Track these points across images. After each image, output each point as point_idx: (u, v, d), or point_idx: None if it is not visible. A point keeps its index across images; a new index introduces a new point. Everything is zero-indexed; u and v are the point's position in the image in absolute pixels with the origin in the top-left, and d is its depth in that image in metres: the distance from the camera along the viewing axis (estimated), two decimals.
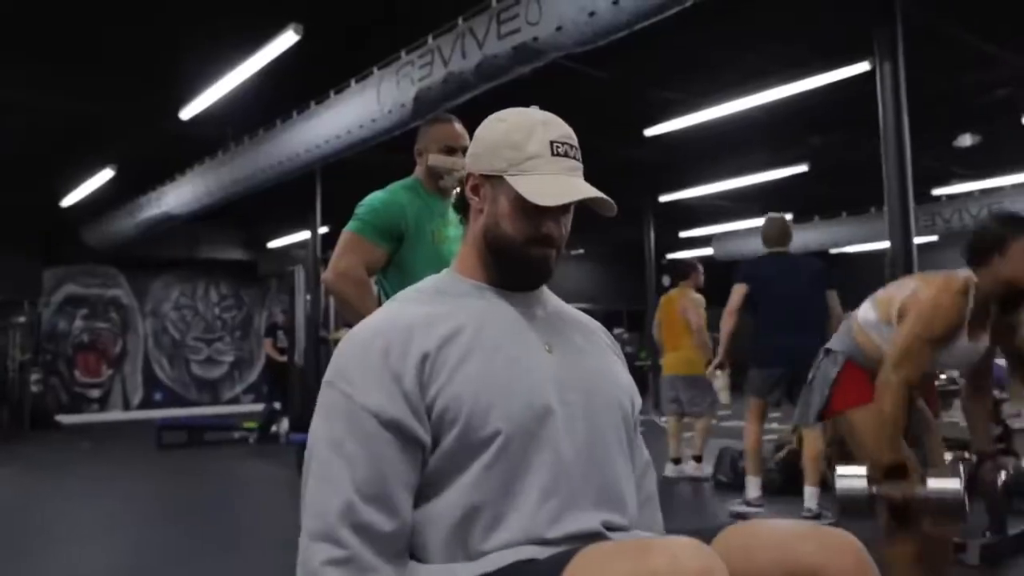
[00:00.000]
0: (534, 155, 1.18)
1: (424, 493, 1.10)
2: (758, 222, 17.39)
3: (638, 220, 13.34)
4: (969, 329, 2.32)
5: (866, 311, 2.53)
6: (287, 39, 6.14)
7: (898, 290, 2.47)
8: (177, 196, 10.20)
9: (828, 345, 2.63)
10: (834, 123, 9.66)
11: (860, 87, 7.48)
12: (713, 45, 7.54)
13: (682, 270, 6.18)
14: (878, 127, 5.72)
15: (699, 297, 6.09)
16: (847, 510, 2.28)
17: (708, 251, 16.20)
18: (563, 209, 1.20)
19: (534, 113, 1.24)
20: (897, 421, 2.27)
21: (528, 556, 1.04)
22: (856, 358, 2.51)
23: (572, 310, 1.34)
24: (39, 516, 5.28)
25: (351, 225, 2.35)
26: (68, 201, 11.83)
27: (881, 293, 2.54)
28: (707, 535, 1.03)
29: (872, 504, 2.26)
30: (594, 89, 7.99)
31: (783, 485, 5.14)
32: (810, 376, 2.65)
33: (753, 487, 4.70)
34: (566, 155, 1.19)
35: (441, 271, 1.29)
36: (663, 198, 12.89)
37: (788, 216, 4.87)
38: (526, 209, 1.17)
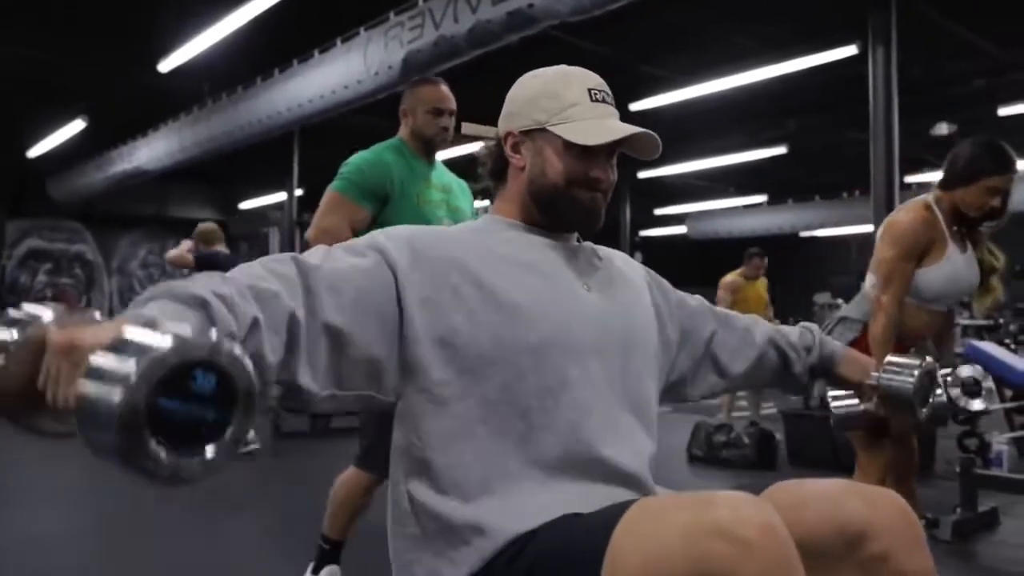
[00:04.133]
0: (574, 103, 1.18)
1: (460, 410, 1.08)
2: (732, 202, 17.49)
3: (615, 196, 13.28)
4: (954, 240, 2.46)
5: (869, 278, 2.64)
6: None
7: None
8: (150, 151, 9.99)
9: (843, 313, 2.69)
10: (811, 107, 9.75)
11: (841, 71, 7.55)
12: (701, 23, 7.54)
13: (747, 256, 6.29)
14: (856, 112, 5.80)
15: (729, 280, 6.27)
16: (841, 427, 2.44)
17: (682, 229, 16.32)
18: (609, 153, 1.21)
19: (566, 67, 1.25)
20: (889, 338, 2.40)
21: (574, 510, 1.04)
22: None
23: (606, 249, 1.35)
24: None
25: (336, 184, 2.33)
26: (35, 152, 11.52)
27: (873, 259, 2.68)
28: (752, 492, 1.04)
29: (865, 419, 2.41)
30: (580, 61, 7.80)
31: (757, 461, 5.24)
32: None
33: None
34: (603, 101, 1.21)
35: None
36: (641, 174, 12.92)
37: (763, 198, 4.99)
38: (573, 155, 1.18)
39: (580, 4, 4.84)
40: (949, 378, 2.46)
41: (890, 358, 1.73)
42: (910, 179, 12.80)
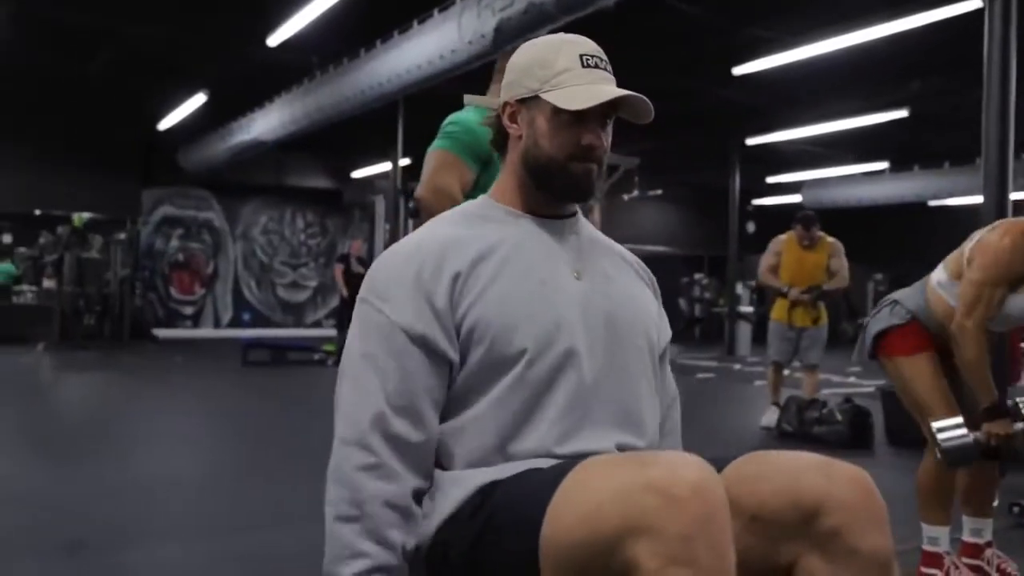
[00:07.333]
0: (565, 69, 1.19)
1: (451, 408, 1.16)
2: (851, 169, 16.58)
3: (723, 163, 12.98)
4: None
5: (939, 272, 2.51)
6: None
7: (965, 244, 2.44)
8: (266, 122, 10.47)
9: (895, 297, 2.59)
10: (936, 66, 9.09)
11: (967, 26, 7.00)
12: None
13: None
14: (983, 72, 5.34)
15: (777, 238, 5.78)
16: (955, 462, 2.29)
17: (797, 198, 15.66)
18: (602, 120, 1.20)
19: (562, 35, 1.27)
20: (983, 364, 2.29)
21: (536, 466, 1.09)
22: (922, 316, 2.47)
23: (607, 240, 1.36)
24: (125, 418, 5.70)
25: (443, 143, 2.17)
26: (165, 124, 12.28)
27: (952, 254, 2.51)
28: (721, 463, 1.05)
29: (977, 451, 2.28)
30: (681, 24, 7.72)
31: (851, 440, 5.05)
32: (866, 321, 2.63)
33: None
34: (596, 67, 1.21)
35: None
36: (750, 141, 12.46)
37: (884, 165, 4.63)
38: (563, 122, 1.19)
39: None
40: None
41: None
42: None
